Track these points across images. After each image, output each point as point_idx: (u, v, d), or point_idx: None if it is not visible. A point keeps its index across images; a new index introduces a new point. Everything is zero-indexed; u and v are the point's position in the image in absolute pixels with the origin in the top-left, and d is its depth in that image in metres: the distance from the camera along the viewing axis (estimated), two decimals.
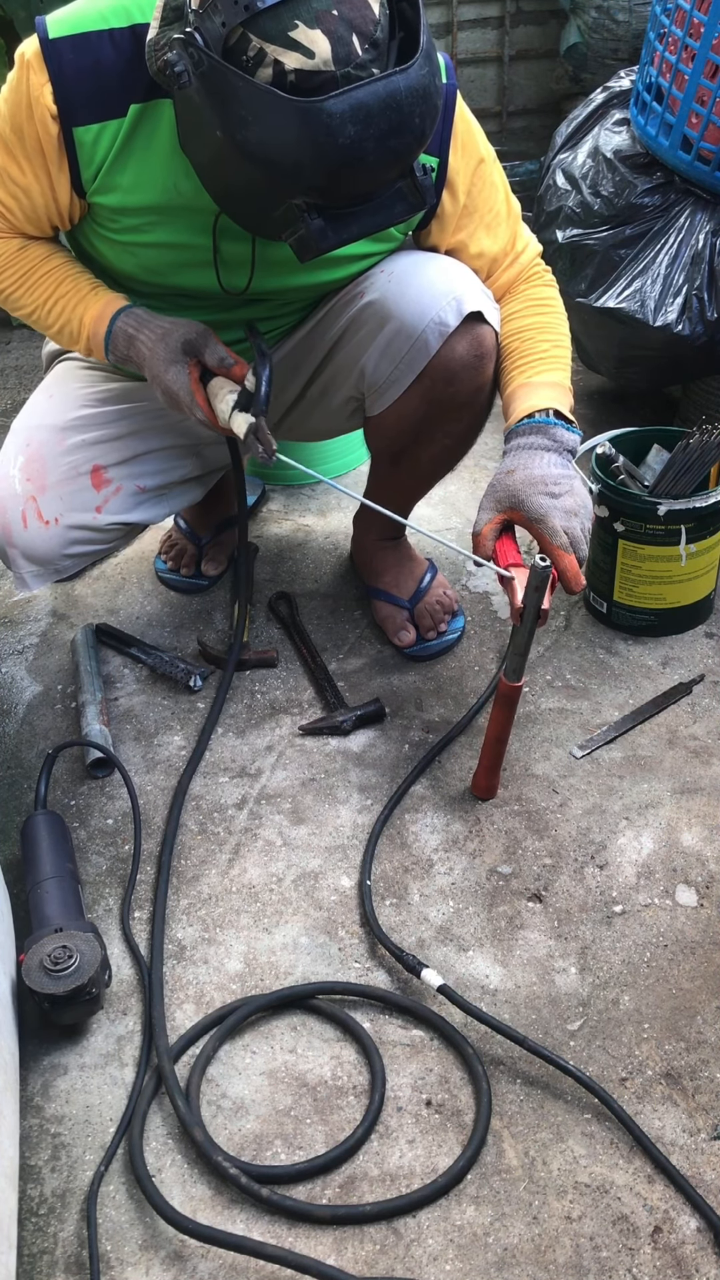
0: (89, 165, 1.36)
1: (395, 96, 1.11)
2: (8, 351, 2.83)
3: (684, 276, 1.97)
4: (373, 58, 1.12)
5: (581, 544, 1.39)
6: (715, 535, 1.73)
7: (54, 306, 1.46)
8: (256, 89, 1.10)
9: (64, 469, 1.55)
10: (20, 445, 1.56)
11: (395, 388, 1.55)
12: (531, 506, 1.38)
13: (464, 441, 1.66)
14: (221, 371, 1.42)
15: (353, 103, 1.10)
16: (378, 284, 1.53)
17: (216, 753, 1.66)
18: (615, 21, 2.58)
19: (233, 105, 1.13)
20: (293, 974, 1.35)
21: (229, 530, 2.03)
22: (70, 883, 1.39)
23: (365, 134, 1.11)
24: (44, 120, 1.32)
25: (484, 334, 1.50)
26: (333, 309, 1.59)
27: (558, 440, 1.42)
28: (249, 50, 1.11)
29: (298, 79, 1.11)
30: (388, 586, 1.84)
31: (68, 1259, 1.11)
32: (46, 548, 1.55)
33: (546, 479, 1.39)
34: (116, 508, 1.60)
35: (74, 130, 1.32)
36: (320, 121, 1.10)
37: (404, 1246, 1.10)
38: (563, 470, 1.41)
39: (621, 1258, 1.08)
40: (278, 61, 1.11)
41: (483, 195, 1.51)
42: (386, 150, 1.14)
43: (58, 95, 1.30)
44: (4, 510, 1.52)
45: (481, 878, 1.46)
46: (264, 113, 1.11)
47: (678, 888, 1.43)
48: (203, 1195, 1.15)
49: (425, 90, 1.14)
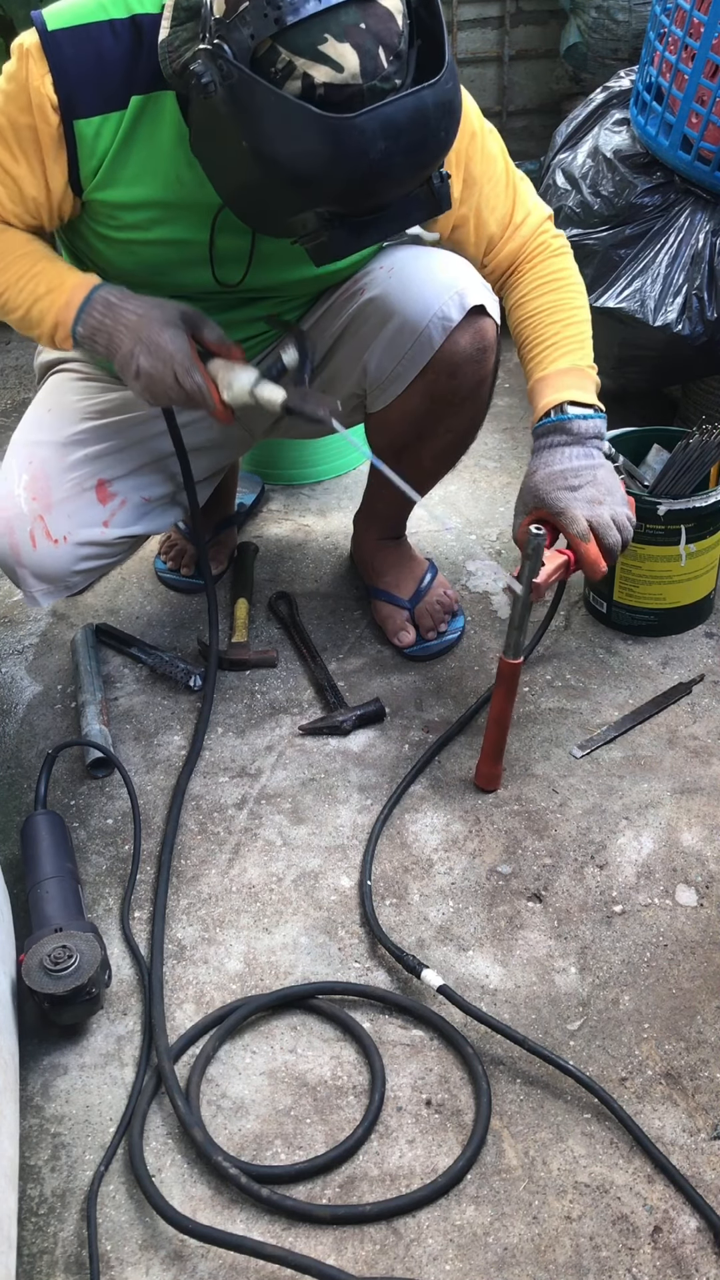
0: (89, 159, 1.34)
1: (423, 112, 1.13)
2: (8, 351, 2.83)
3: (684, 276, 1.97)
4: (396, 69, 1.13)
5: (608, 530, 1.41)
6: (715, 535, 1.73)
7: (27, 284, 1.40)
8: (288, 104, 1.11)
9: (69, 485, 1.53)
10: (23, 463, 1.54)
11: (398, 383, 1.54)
12: (551, 502, 1.42)
13: (465, 436, 1.66)
14: (222, 350, 1.40)
15: (383, 119, 1.11)
16: (378, 280, 1.53)
17: (216, 753, 1.66)
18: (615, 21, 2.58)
19: (262, 118, 1.13)
20: (293, 974, 1.35)
21: (228, 530, 2.03)
22: (70, 882, 1.39)
23: (394, 148, 1.13)
24: (43, 110, 1.30)
25: (486, 327, 1.51)
26: (332, 306, 1.58)
27: (576, 432, 1.43)
28: (277, 63, 1.12)
29: (326, 92, 1.11)
30: (388, 586, 1.84)
31: (68, 1259, 1.11)
32: (56, 566, 1.53)
33: (566, 473, 1.42)
34: (123, 520, 1.59)
35: (75, 123, 1.31)
36: (352, 139, 1.11)
37: (404, 1246, 1.10)
38: (585, 461, 1.43)
39: (621, 1258, 1.08)
40: (307, 75, 1.11)
41: (480, 166, 1.49)
42: (412, 164, 1.16)
43: (59, 87, 1.29)
44: (12, 531, 1.50)
45: (481, 878, 1.46)
46: (294, 127, 1.12)
47: (678, 888, 1.43)
48: (203, 1195, 1.15)
49: (451, 104, 1.17)
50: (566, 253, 1.58)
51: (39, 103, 1.30)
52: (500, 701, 1.49)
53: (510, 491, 2.17)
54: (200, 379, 1.38)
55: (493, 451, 2.28)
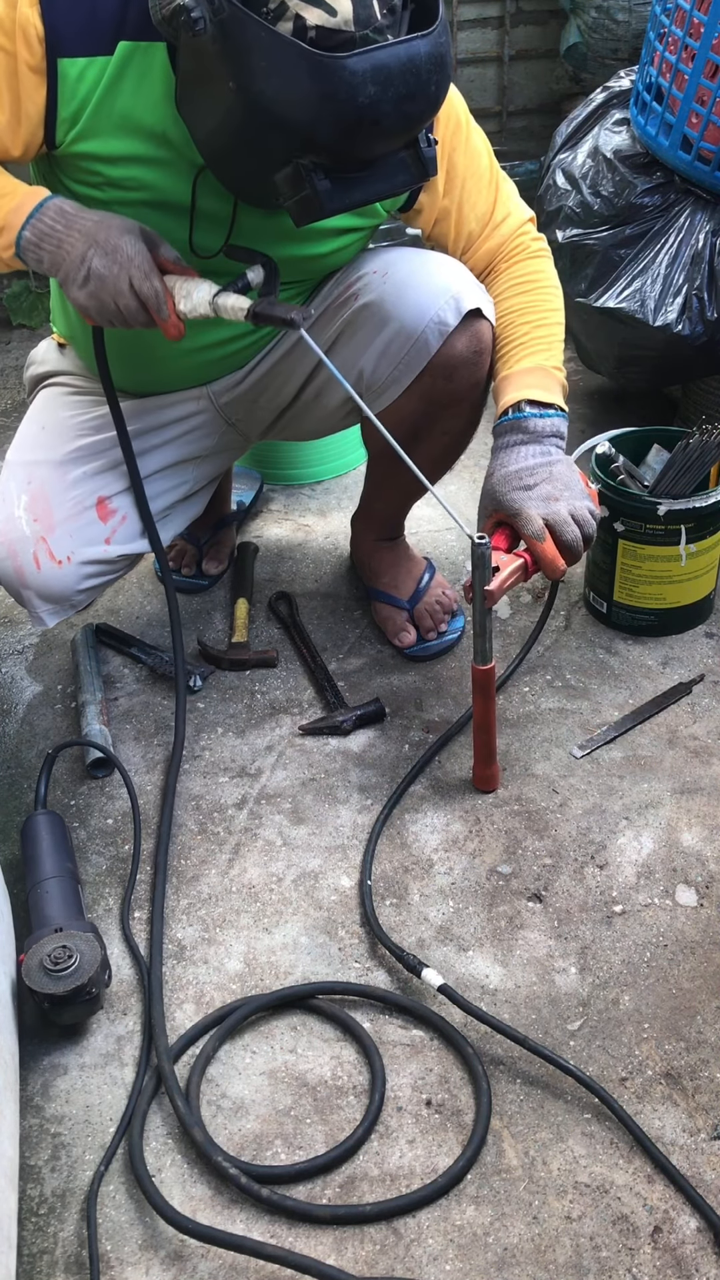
0: (69, 102, 1.31)
1: (415, 61, 1.13)
2: (8, 351, 2.83)
3: (684, 276, 1.97)
4: (389, 23, 1.13)
5: (564, 526, 1.39)
6: (715, 535, 1.73)
7: None
8: (279, 39, 1.10)
9: (69, 505, 1.53)
10: (22, 484, 1.53)
11: (395, 388, 1.54)
12: (507, 504, 1.41)
13: (462, 438, 1.65)
14: (179, 270, 1.35)
15: (374, 63, 1.11)
16: (372, 284, 1.52)
17: (216, 753, 1.66)
18: (615, 21, 2.58)
19: (251, 55, 1.12)
20: (293, 974, 1.35)
21: (227, 529, 2.03)
22: (70, 882, 1.39)
23: (384, 95, 1.12)
24: (28, 38, 1.27)
25: (482, 330, 1.50)
26: (326, 312, 1.58)
27: (532, 430, 1.43)
28: (270, 2, 1.11)
29: (318, 35, 1.11)
30: (387, 587, 1.84)
31: (68, 1259, 1.11)
32: (61, 586, 1.53)
33: (521, 472, 1.41)
34: (124, 536, 1.58)
35: (59, 61, 1.29)
36: (341, 79, 1.10)
37: (404, 1246, 1.10)
38: (540, 459, 1.42)
39: (621, 1258, 1.08)
40: (299, 16, 1.10)
41: (464, 159, 1.49)
42: (402, 114, 1.15)
43: (46, 20, 1.26)
44: (15, 554, 1.49)
45: (481, 878, 1.46)
46: (284, 65, 1.11)
47: (678, 888, 1.43)
48: (203, 1195, 1.15)
49: (443, 58, 1.16)
50: (545, 255, 1.58)
51: (24, 28, 1.27)
52: (480, 707, 1.48)
53: None
54: (158, 284, 1.31)
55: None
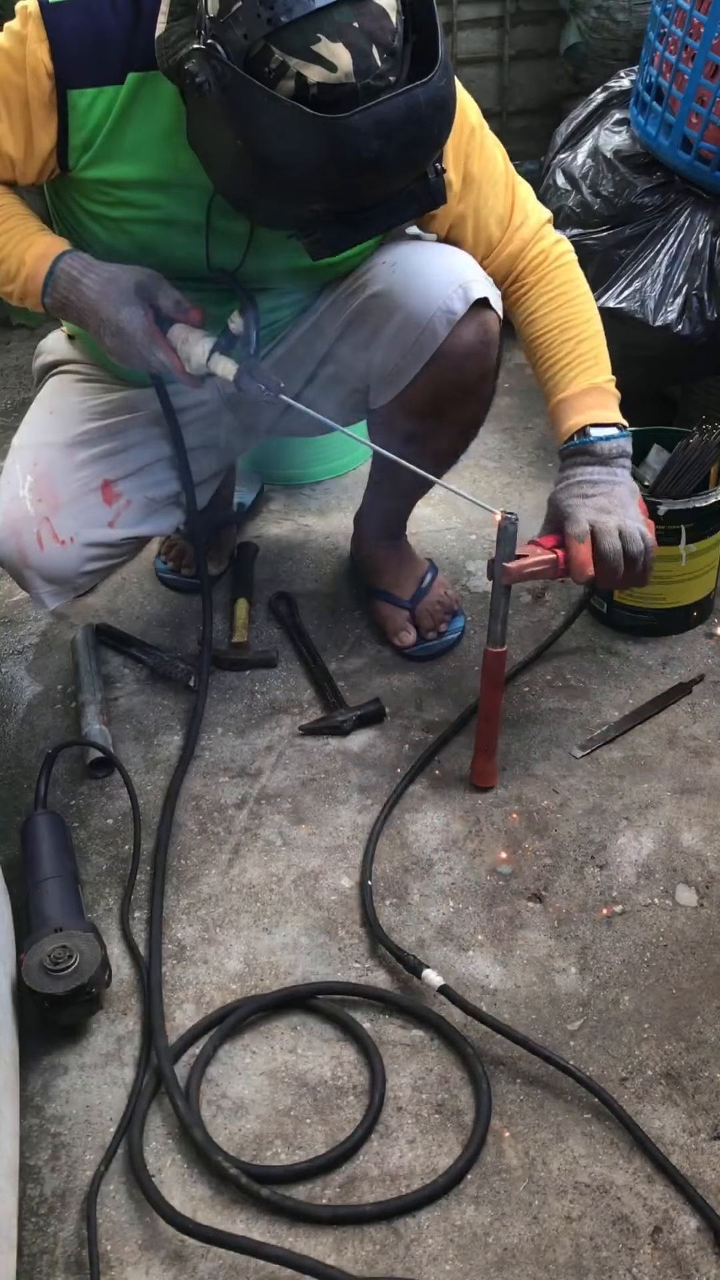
0: (79, 130, 1.33)
1: (416, 110, 1.13)
2: (8, 351, 2.83)
3: (684, 276, 1.97)
4: (390, 67, 1.14)
5: (608, 534, 1.43)
6: (715, 535, 1.73)
7: None
8: (281, 105, 1.11)
9: (75, 486, 1.53)
10: (27, 465, 1.54)
11: (402, 378, 1.54)
12: (563, 507, 1.47)
13: (468, 431, 1.65)
14: (179, 317, 1.40)
15: (376, 118, 1.11)
16: (380, 275, 1.52)
17: (216, 752, 1.66)
18: (615, 21, 2.58)
19: (255, 119, 1.14)
20: (293, 974, 1.35)
21: (227, 529, 2.03)
22: (70, 882, 1.39)
23: (387, 146, 1.13)
24: (37, 74, 1.30)
25: (489, 319, 1.50)
26: (334, 303, 1.58)
27: (599, 453, 1.48)
28: (271, 63, 1.12)
29: (320, 92, 1.12)
30: (388, 586, 1.84)
31: (68, 1259, 1.11)
32: (63, 567, 1.53)
33: (584, 484, 1.47)
34: (129, 520, 1.58)
35: (68, 92, 1.31)
36: (344, 138, 1.11)
37: (404, 1246, 1.10)
38: (606, 477, 1.47)
39: (621, 1258, 1.08)
40: (300, 75, 1.11)
41: (479, 164, 1.49)
42: (406, 160, 1.17)
43: (55, 55, 1.29)
44: (18, 534, 1.49)
45: (481, 878, 1.46)
46: (288, 128, 1.12)
47: (678, 888, 1.43)
48: (203, 1195, 1.15)
49: (444, 101, 1.17)
50: (571, 261, 1.58)
51: (34, 66, 1.30)
52: (488, 693, 1.49)
53: (510, 491, 2.17)
54: (162, 355, 1.40)
55: (493, 451, 2.28)
